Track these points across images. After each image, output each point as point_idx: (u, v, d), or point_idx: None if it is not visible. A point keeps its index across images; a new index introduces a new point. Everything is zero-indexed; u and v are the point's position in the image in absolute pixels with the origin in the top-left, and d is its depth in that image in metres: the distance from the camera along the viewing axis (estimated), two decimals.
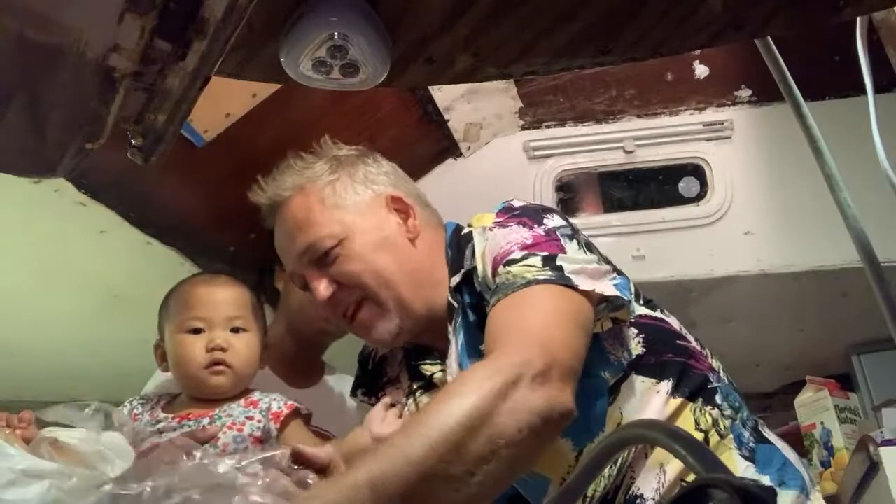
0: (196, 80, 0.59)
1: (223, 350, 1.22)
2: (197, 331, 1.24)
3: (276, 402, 1.21)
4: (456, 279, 1.15)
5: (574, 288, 0.98)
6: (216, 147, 1.50)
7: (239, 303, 1.28)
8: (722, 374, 1.15)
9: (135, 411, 1.25)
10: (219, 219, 1.71)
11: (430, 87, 1.70)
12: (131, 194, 1.45)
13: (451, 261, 1.18)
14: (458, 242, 1.19)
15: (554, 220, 1.10)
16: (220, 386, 1.21)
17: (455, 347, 1.13)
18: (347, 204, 1.20)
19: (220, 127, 1.48)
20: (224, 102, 1.46)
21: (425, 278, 1.17)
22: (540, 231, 1.07)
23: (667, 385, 1.08)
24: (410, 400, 1.22)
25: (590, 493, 1.03)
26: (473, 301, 1.13)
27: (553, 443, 0.94)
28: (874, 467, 1.51)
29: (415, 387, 1.22)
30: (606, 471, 1.03)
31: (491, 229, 1.12)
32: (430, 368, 1.20)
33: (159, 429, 1.19)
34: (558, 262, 1.01)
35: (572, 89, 1.94)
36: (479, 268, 1.10)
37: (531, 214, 1.11)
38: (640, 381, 1.07)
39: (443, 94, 1.78)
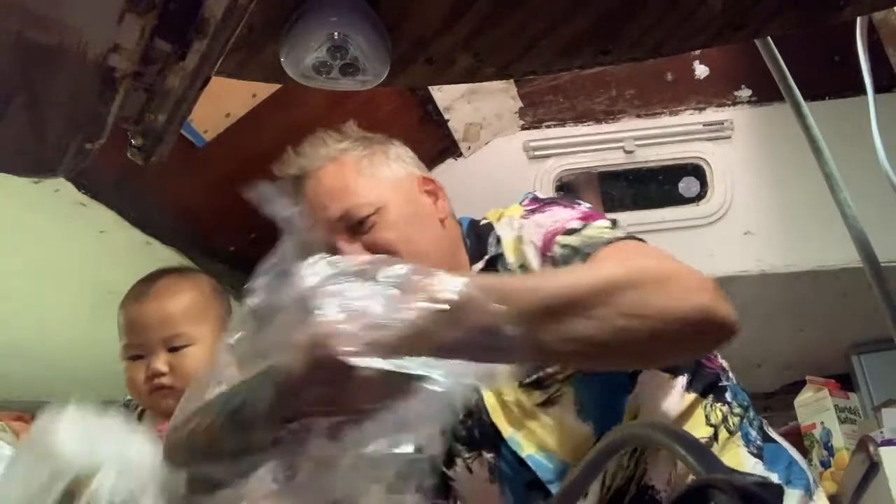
0: (196, 80, 0.59)
1: (162, 374, 1.20)
2: (135, 357, 1.22)
3: None
4: (479, 265, 1.17)
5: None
6: (216, 147, 1.50)
7: (176, 316, 1.23)
8: (731, 373, 1.16)
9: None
10: (219, 219, 1.70)
11: (430, 87, 1.70)
12: (131, 194, 1.45)
13: (471, 248, 1.20)
14: (478, 233, 1.21)
15: (587, 204, 1.14)
16: (169, 408, 1.16)
17: None
18: (383, 177, 1.22)
19: (220, 127, 1.48)
20: (224, 102, 1.46)
21: (451, 259, 1.18)
22: (584, 208, 1.11)
23: (682, 380, 1.08)
24: None
25: (607, 482, 1.03)
26: None
27: (696, 352, 0.95)
28: (874, 467, 1.51)
29: None
30: (625, 461, 1.04)
31: (525, 217, 1.14)
32: None
33: None
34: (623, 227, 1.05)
35: (572, 89, 1.94)
36: (510, 256, 1.12)
37: (565, 200, 1.15)
38: (656, 375, 1.08)
39: (443, 94, 1.78)
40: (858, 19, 1.19)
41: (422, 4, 0.80)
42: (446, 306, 0.67)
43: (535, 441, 1.06)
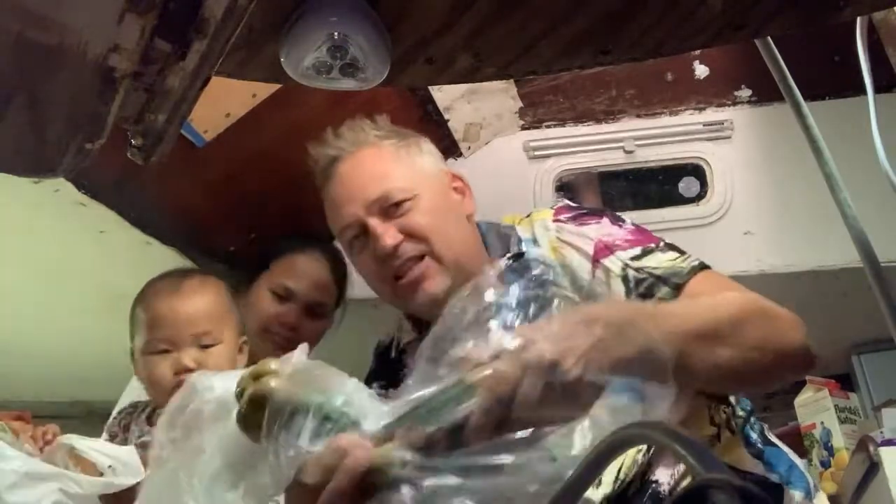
0: (196, 80, 0.59)
1: (191, 370, 1.17)
2: (163, 351, 1.20)
3: None
4: (503, 262, 1.19)
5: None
6: (216, 147, 1.50)
7: (207, 315, 1.24)
8: None
9: (123, 422, 1.24)
10: (219, 219, 1.70)
11: (430, 87, 1.70)
12: (131, 194, 1.45)
13: (494, 246, 1.25)
14: (499, 233, 1.27)
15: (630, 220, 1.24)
16: None
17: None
18: (418, 167, 1.26)
19: (220, 127, 1.48)
20: (224, 102, 1.46)
21: (474, 255, 1.22)
22: (630, 226, 1.20)
23: None
24: None
25: (621, 476, 1.04)
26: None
27: (789, 381, 1.17)
28: (874, 467, 1.51)
29: None
30: (640, 458, 1.05)
31: (559, 222, 1.21)
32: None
33: (143, 441, 1.18)
34: (684, 251, 1.15)
35: (572, 89, 1.94)
36: (549, 254, 1.18)
37: (608, 213, 1.23)
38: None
39: (443, 94, 1.78)
40: (858, 19, 1.18)
41: (422, 4, 0.80)
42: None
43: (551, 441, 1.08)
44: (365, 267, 1.25)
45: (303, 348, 1.03)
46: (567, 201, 1.28)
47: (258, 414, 0.73)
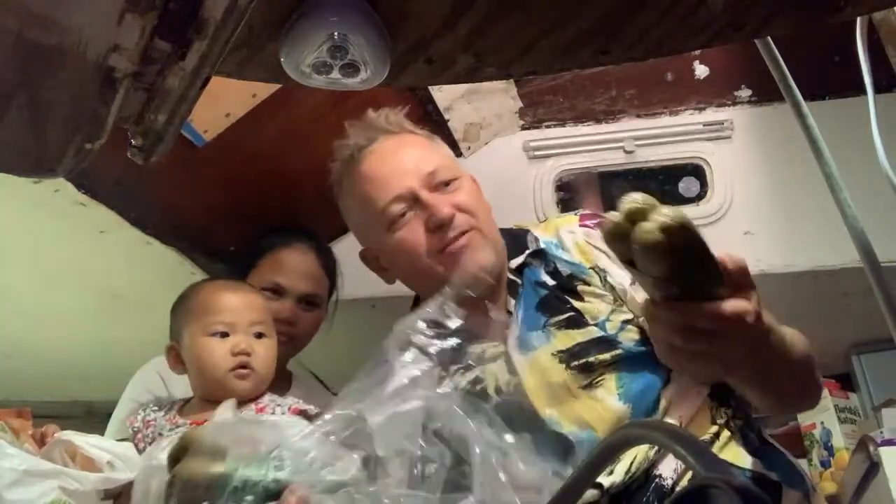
0: (196, 80, 0.59)
1: (248, 355, 1.23)
2: (221, 334, 1.25)
3: (281, 408, 1.22)
4: (518, 260, 1.26)
5: None
6: (216, 147, 1.50)
7: (261, 308, 1.32)
8: None
9: (147, 418, 1.25)
10: (219, 219, 1.70)
11: (430, 87, 1.70)
12: (131, 194, 1.45)
13: (509, 246, 1.29)
14: (512, 234, 1.31)
15: None
16: (243, 390, 1.22)
17: (517, 322, 1.21)
18: (452, 157, 1.34)
19: (220, 127, 1.48)
20: (224, 102, 1.46)
21: (501, 246, 1.27)
22: None
23: (707, 387, 1.14)
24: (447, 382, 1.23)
25: (633, 468, 1.06)
26: (541, 279, 1.24)
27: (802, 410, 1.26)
28: (874, 467, 1.51)
29: (452, 369, 1.22)
30: (651, 453, 1.07)
31: (585, 227, 1.26)
32: (477, 347, 1.21)
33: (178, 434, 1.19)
34: None
35: (572, 89, 1.94)
36: (576, 256, 1.23)
37: None
38: (686, 377, 1.14)
39: (443, 94, 1.78)
40: (858, 19, 1.19)
41: (422, 4, 0.80)
42: None
43: (574, 418, 1.12)
44: (412, 238, 1.23)
45: (226, 405, 1.07)
46: (586, 210, 1.34)
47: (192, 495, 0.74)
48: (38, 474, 0.99)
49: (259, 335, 1.27)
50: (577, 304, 1.19)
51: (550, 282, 1.23)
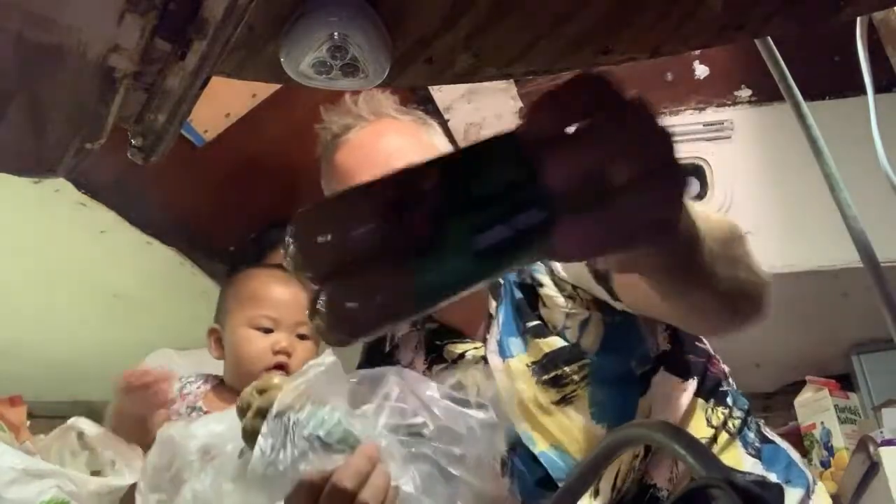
0: (196, 80, 0.59)
1: (288, 355, 1.21)
2: (265, 329, 1.22)
3: None
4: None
5: None
6: (216, 147, 1.50)
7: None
8: (730, 379, 1.18)
9: (184, 390, 1.24)
10: (219, 219, 1.71)
11: (430, 87, 1.70)
12: (131, 194, 1.45)
13: None
14: None
15: None
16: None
17: (497, 325, 1.16)
18: (434, 147, 1.22)
19: (220, 127, 1.48)
20: (224, 102, 1.46)
21: None
22: None
23: (692, 384, 1.11)
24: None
25: (618, 484, 1.04)
26: (518, 280, 1.16)
27: (746, 325, 0.94)
28: (874, 467, 1.51)
29: (436, 369, 1.21)
30: (636, 464, 1.05)
31: None
32: (460, 347, 1.20)
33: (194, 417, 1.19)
34: None
35: None
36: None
37: None
38: (668, 378, 1.10)
39: (443, 95, 1.78)
40: (858, 19, 1.18)
41: (422, 4, 0.80)
42: None
43: (548, 438, 1.08)
44: None
45: (308, 363, 1.05)
46: None
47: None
48: (35, 474, 0.99)
49: (302, 336, 1.24)
50: (541, 310, 1.14)
51: (527, 282, 1.17)
